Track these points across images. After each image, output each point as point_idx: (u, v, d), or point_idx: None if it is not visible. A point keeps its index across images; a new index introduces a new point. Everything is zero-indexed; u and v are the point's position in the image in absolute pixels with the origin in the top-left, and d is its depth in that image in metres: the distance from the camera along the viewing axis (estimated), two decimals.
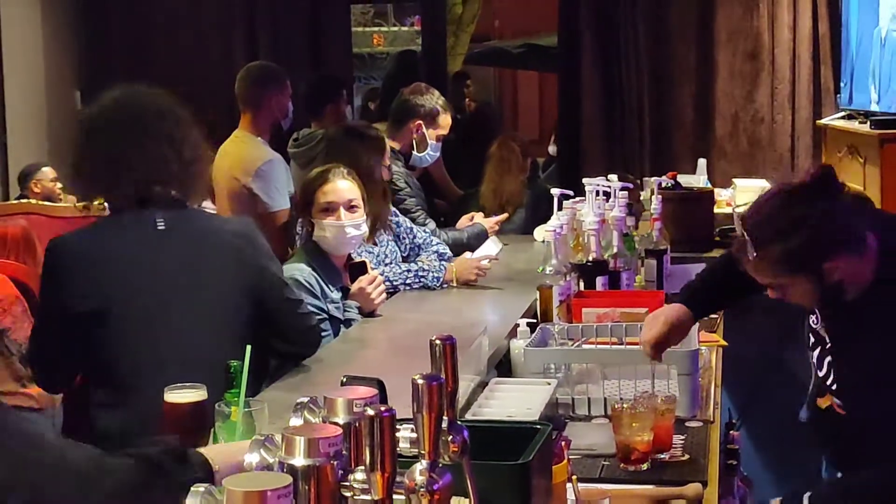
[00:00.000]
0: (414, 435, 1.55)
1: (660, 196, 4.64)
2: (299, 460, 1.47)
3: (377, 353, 3.56)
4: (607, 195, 4.47)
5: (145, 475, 1.80)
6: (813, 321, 2.90)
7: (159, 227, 3.07)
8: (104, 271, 3.03)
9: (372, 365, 3.06)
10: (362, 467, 1.46)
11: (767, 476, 4.17)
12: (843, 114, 6.69)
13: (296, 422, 1.69)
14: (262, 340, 3.12)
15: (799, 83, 7.41)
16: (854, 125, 6.30)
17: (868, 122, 6.01)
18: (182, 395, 2.18)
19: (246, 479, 1.40)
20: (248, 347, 2.21)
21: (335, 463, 1.48)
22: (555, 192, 4.40)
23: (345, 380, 2.28)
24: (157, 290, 3.05)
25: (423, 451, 1.52)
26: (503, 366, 3.52)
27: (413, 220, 4.92)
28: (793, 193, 2.73)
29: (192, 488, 1.36)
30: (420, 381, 1.52)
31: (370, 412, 1.35)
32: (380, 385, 2.42)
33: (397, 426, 1.65)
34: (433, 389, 1.51)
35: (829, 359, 2.85)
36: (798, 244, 2.65)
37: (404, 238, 4.59)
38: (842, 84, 6.84)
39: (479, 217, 5.38)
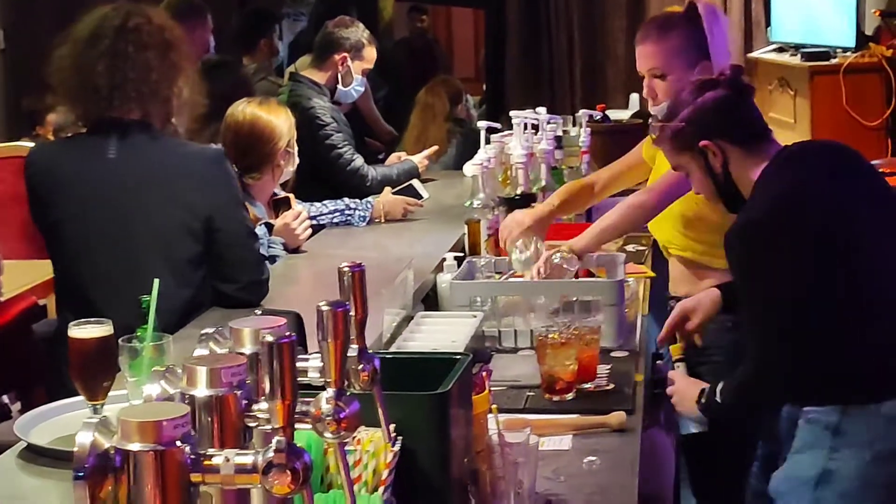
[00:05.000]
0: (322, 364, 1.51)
1: (588, 129, 4.60)
2: (201, 391, 1.42)
3: (301, 289, 3.51)
4: (536, 128, 4.43)
5: None
6: None
7: (109, 156, 3.11)
8: (62, 187, 3.14)
9: (295, 301, 3.01)
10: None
11: None
12: (773, 47, 6.69)
13: (201, 353, 1.64)
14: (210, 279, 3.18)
15: (730, 16, 7.38)
16: (784, 58, 6.31)
17: (798, 55, 6.02)
18: (88, 330, 2.13)
19: (141, 410, 1.35)
20: (156, 281, 2.15)
21: (238, 393, 1.44)
22: (481, 125, 4.35)
23: (260, 312, 2.24)
24: (104, 216, 3.10)
25: (329, 380, 1.48)
26: (431, 300, 3.49)
27: (339, 156, 4.86)
28: (696, 82, 2.87)
29: (84, 420, 1.30)
30: (325, 308, 1.48)
31: (269, 339, 1.30)
32: (297, 319, 2.40)
33: (307, 356, 1.62)
34: (338, 316, 1.47)
35: None
36: (679, 121, 2.75)
37: None
38: (772, 17, 6.84)
39: (407, 155, 5.32)
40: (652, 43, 3.31)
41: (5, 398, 4.31)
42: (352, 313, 1.62)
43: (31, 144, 5.98)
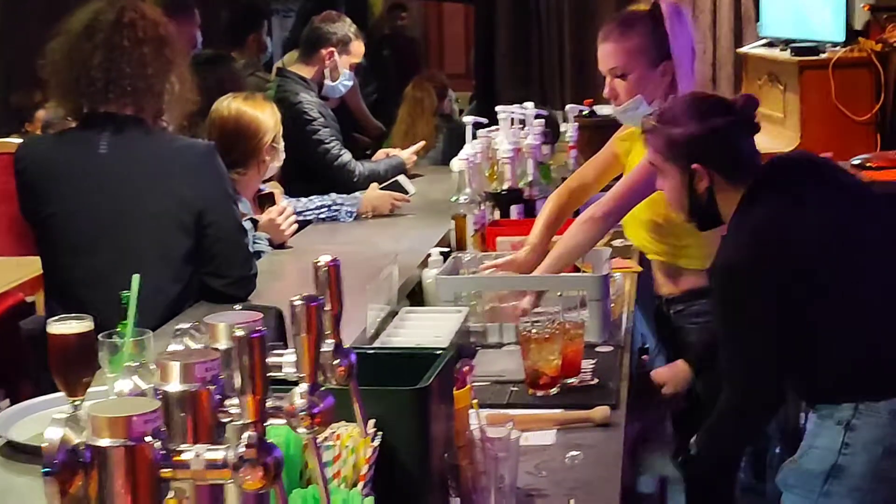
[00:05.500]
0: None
1: (576, 124, 4.60)
2: (174, 386, 1.41)
3: (286, 285, 3.49)
4: (523, 123, 4.42)
5: None
6: None
7: (101, 150, 3.10)
8: (54, 181, 3.14)
9: (280, 297, 2.99)
10: None
11: None
12: (763, 42, 6.68)
13: (176, 348, 1.63)
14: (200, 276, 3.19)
15: (720, 12, 7.38)
16: (774, 53, 6.29)
17: (788, 50, 6.01)
18: (67, 326, 2.12)
19: (112, 405, 1.34)
20: (136, 277, 2.14)
21: (212, 388, 1.43)
22: (468, 120, 4.34)
23: (239, 307, 2.24)
24: (96, 211, 3.10)
25: (302, 375, 1.47)
26: (417, 296, 3.48)
27: (327, 151, 4.85)
28: (711, 98, 2.89)
29: (53, 416, 1.29)
30: (298, 303, 1.47)
31: (239, 333, 1.29)
32: (278, 314, 2.39)
33: (282, 352, 1.61)
34: (311, 310, 1.46)
35: None
36: (680, 134, 2.73)
37: None
38: (762, 12, 6.84)
39: (395, 150, 5.31)
40: (612, 42, 3.27)
41: None
42: (328, 308, 1.61)
43: (20, 141, 5.97)
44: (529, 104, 4.52)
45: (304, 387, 1.46)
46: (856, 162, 5.16)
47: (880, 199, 2.96)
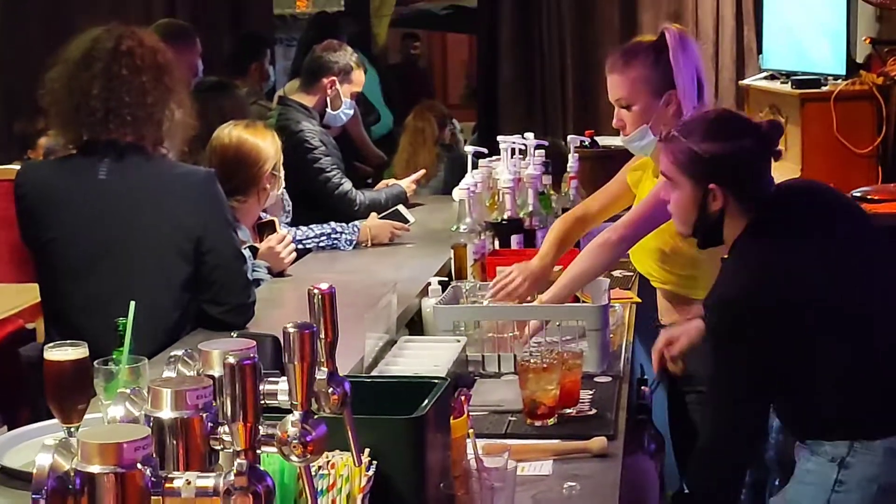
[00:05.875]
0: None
1: (576, 154, 4.61)
2: (166, 413, 1.41)
3: (284, 313, 3.49)
4: (524, 153, 4.43)
5: None
6: None
7: (101, 176, 3.10)
8: (54, 207, 3.13)
9: (278, 325, 2.98)
10: None
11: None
12: (764, 74, 6.70)
13: (169, 375, 1.63)
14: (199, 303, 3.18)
15: (722, 44, 7.41)
16: (776, 85, 6.30)
17: (789, 83, 6.02)
18: (63, 352, 2.11)
19: (102, 432, 1.34)
20: (132, 304, 2.13)
21: (204, 416, 1.43)
22: (468, 149, 4.35)
23: (235, 335, 2.23)
24: (96, 237, 3.10)
25: (295, 402, 1.47)
26: (416, 325, 3.48)
27: (328, 180, 4.85)
28: (739, 118, 2.85)
29: (44, 442, 1.29)
30: (291, 330, 1.47)
31: (231, 360, 1.29)
32: (275, 342, 2.38)
33: (276, 379, 1.60)
34: (304, 338, 1.46)
35: None
36: (703, 151, 2.69)
37: None
38: (764, 45, 6.86)
39: (395, 180, 5.32)
40: (616, 73, 3.28)
41: None
42: (322, 336, 1.61)
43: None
44: (530, 135, 4.52)
45: (296, 415, 1.46)
46: (857, 194, 5.16)
47: (881, 231, 2.95)
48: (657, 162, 3.08)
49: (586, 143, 5.09)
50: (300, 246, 4.20)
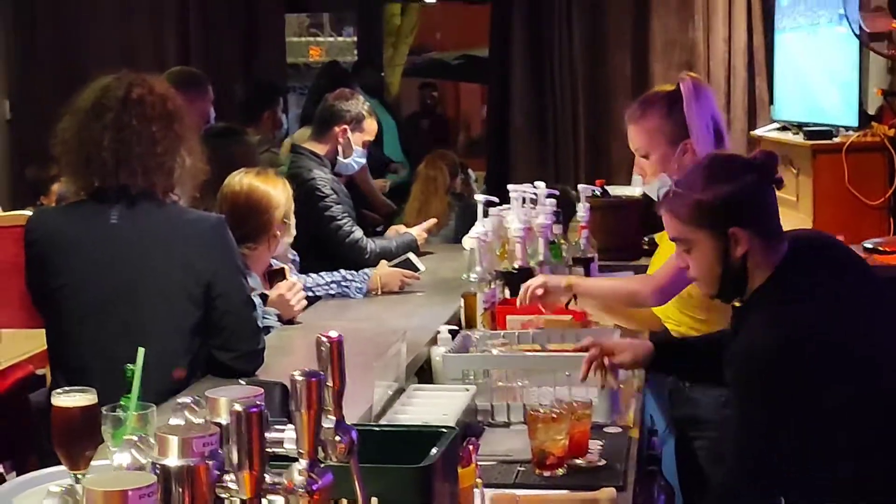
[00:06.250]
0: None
1: (587, 204, 4.60)
2: (172, 461, 1.40)
3: (294, 361, 3.48)
4: (534, 202, 4.43)
5: None
6: None
7: (112, 221, 3.11)
8: (64, 253, 3.14)
9: (287, 372, 2.98)
10: None
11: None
12: (776, 125, 6.70)
13: (177, 422, 1.62)
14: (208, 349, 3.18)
15: (734, 95, 7.44)
16: (787, 136, 6.31)
17: (801, 134, 6.03)
18: (71, 398, 2.10)
19: (108, 479, 1.33)
20: (141, 350, 2.13)
21: (211, 463, 1.42)
22: (479, 198, 4.35)
23: (244, 382, 2.23)
24: (106, 282, 3.10)
25: (302, 451, 1.46)
26: (425, 374, 3.47)
27: (339, 228, 4.86)
28: (732, 157, 2.84)
29: (49, 489, 1.28)
30: (298, 378, 1.46)
31: (237, 408, 1.29)
32: (283, 390, 2.38)
33: (283, 427, 1.59)
34: (312, 386, 1.46)
35: None
36: (713, 197, 2.64)
37: None
38: (775, 96, 6.87)
39: (406, 227, 5.33)
40: (633, 124, 3.38)
41: (0, 468, 4.28)
42: (329, 384, 1.60)
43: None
44: (541, 183, 4.53)
45: (303, 463, 1.45)
46: (868, 245, 5.15)
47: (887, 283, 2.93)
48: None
49: (597, 192, 5.09)
50: (310, 293, 4.21)
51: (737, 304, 2.76)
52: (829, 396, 2.55)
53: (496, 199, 4.42)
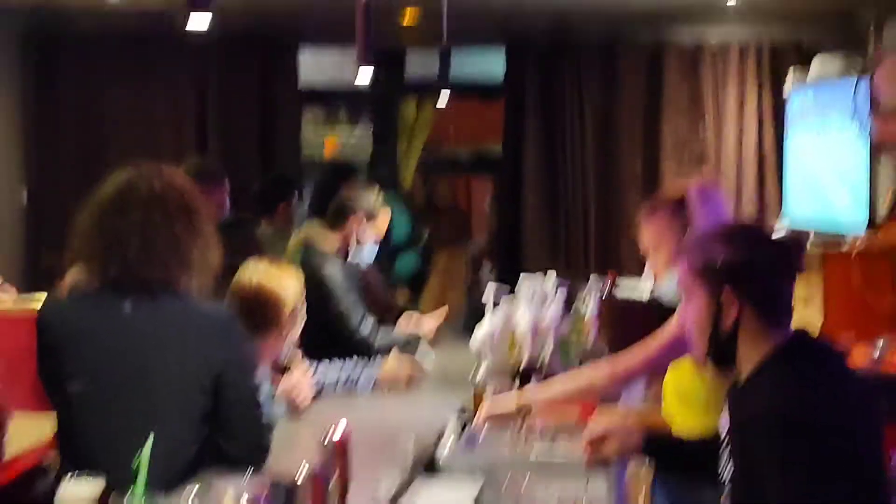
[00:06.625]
0: None
1: (597, 300, 4.63)
2: None
3: (300, 454, 3.47)
4: (544, 297, 4.45)
5: None
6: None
7: (126, 311, 3.13)
8: (74, 343, 3.13)
9: (294, 466, 2.98)
10: None
11: None
12: (786, 227, 6.74)
13: None
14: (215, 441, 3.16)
15: (744, 196, 7.49)
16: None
17: (811, 238, 6.07)
18: (80, 487, 2.12)
19: None
20: (149, 440, 2.15)
21: None
22: (489, 292, 4.38)
23: (249, 475, 2.24)
24: (118, 372, 3.10)
25: None
26: (433, 468, 3.46)
27: (348, 320, 4.88)
28: (759, 229, 2.82)
29: None
30: (304, 473, 1.48)
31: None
32: (288, 486, 2.39)
33: None
34: (317, 482, 1.47)
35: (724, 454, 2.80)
36: (718, 255, 2.63)
37: None
38: (785, 198, 6.92)
39: (417, 315, 5.35)
40: (643, 222, 3.57)
41: None
42: (335, 479, 1.62)
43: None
44: (552, 275, 4.55)
45: None
46: (877, 348, 5.16)
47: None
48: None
49: (607, 285, 5.11)
50: (318, 386, 4.22)
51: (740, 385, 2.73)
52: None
53: (506, 294, 4.45)
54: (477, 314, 5.94)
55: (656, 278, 3.53)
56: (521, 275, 4.48)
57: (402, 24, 7.51)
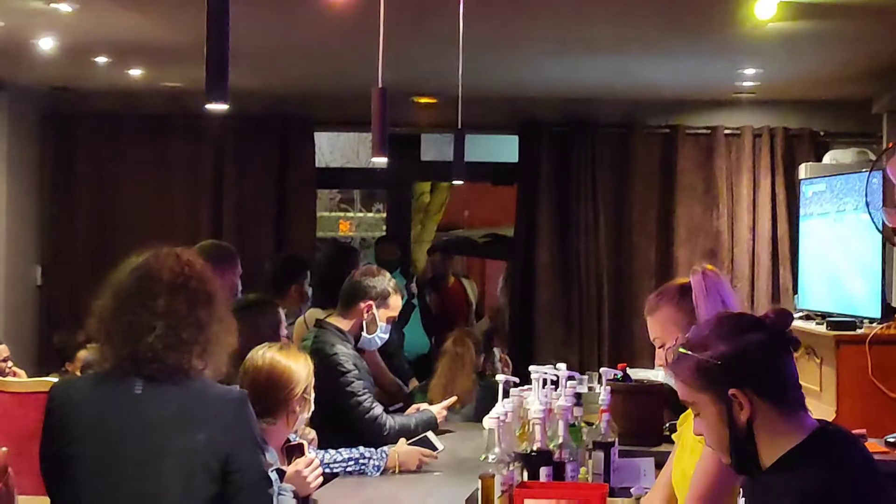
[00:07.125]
0: None
1: (608, 388, 4.60)
2: None
3: None
4: (556, 384, 4.43)
5: None
6: None
7: (136, 392, 3.12)
8: (82, 423, 3.12)
9: None
10: None
11: None
12: (800, 314, 6.72)
13: None
14: None
15: (758, 282, 7.49)
16: (811, 326, 6.32)
17: (825, 324, 6.04)
18: None
19: None
20: None
21: None
22: (500, 378, 4.36)
23: None
24: (125, 453, 3.08)
25: None
26: None
27: (359, 404, 4.86)
28: (740, 315, 2.72)
29: None
30: None
31: None
32: None
33: None
34: None
35: None
36: (711, 357, 2.56)
37: None
38: (799, 285, 6.90)
39: (426, 406, 5.32)
40: (648, 315, 3.48)
41: None
42: None
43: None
44: (562, 365, 4.54)
45: None
46: (891, 440, 5.11)
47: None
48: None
49: (619, 375, 5.09)
50: (327, 470, 4.19)
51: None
52: None
53: (517, 380, 4.43)
54: (485, 400, 5.92)
55: (665, 371, 3.47)
56: (531, 367, 4.45)
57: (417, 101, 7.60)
